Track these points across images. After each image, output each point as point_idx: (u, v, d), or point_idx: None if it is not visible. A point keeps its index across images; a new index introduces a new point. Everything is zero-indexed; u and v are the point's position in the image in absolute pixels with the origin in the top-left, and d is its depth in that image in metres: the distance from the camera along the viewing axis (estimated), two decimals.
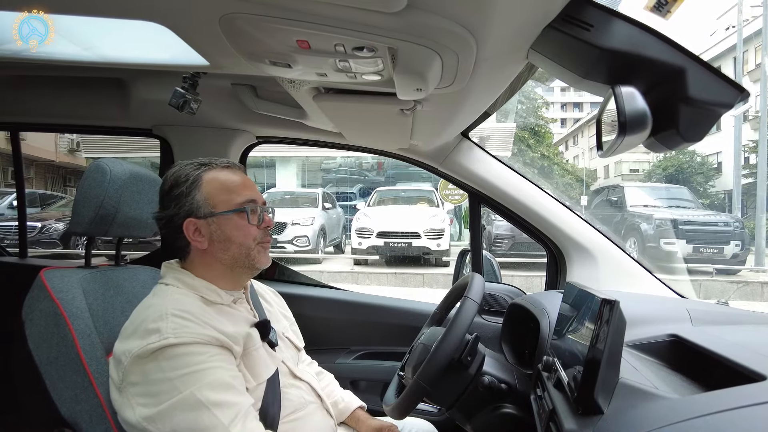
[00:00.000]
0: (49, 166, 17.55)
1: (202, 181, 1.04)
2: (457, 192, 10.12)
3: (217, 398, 0.86)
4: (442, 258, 9.38)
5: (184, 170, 1.06)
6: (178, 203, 1.04)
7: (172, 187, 1.05)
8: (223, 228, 1.04)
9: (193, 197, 1.03)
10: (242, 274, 1.09)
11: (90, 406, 0.97)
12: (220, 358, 0.92)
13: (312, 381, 1.19)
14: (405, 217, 9.55)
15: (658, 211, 9.51)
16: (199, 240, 1.04)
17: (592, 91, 0.84)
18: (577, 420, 0.76)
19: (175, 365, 0.87)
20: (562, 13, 0.79)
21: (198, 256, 1.06)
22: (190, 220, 1.03)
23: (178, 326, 0.90)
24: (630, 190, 10.82)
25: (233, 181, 1.07)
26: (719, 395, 0.67)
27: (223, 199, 1.05)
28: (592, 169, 31.68)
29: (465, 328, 1.06)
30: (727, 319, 1.20)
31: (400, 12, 0.74)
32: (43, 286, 1.02)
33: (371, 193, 11.61)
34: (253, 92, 1.52)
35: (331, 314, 1.91)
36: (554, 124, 43.01)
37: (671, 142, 0.76)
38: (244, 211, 1.05)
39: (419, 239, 9.12)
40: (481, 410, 1.14)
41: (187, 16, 0.87)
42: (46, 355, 0.99)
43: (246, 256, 1.05)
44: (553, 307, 1.15)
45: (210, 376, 0.87)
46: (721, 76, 0.74)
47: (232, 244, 1.04)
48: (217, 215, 1.03)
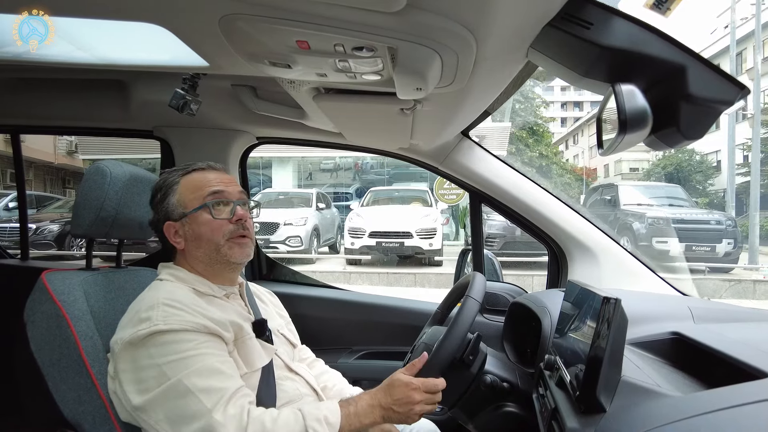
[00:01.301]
0: (48, 167, 17.57)
1: (178, 186, 1.10)
2: (452, 191, 10.21)
3: (204, 384, 0.88)
4: (434, 257, 9.37)
5: (165, 177, 1.12)
6: (158, 209, 1.10)
7: (154, 194, 1.12)
8: (193, 227, 1.08)
9: (169, 201, 1.09)
10: (222, 269, 1.10)
11: (93, 407, 0.97)
12: (209, 345, 0.94)
13: (308, 376, 1.20)
14: (397, 216, 9.57)
15: (651, 210, 9.51)
16: (177, 241, 1.09)
17: (592, 90, 0.84)
18: (580, 418, 0.76)
19: (163, 351, 0.89)
20: (561, 11, 0.78)
21: (181, 256, 1.11)
22: (168, 223, 1.09)
23: (168, 314, 0.93)
24: (624, 189, 10.82)
25: (204, 179, 1.11)
26: (721, 393, 0.67)
27: (192, 197, 1.08)
28: (591, 168, 31.70)
29: (467, 328, 1.06)
30: (729, 317, 1.20)
31: (399, 12, 0.74)
32: (44, 288, 1.02)
33: (365, 193, 11.64)
34: (253, 93, 1.52)
35: (333, 314, 1.91)
36: (554, 123, 43.13)
37: (672, 140, 0.76)
38: (206, 206, 1.07)
39: (411, 239, 9.12)
40: (484, 409, 1.14)
41: (187, 18, 0.87)
42: (48, 357, 0.99)
43: (216, 252, 1.07)
44: (555, 306, 1.15)
45: (198, 363, 0.90)
46: (721, 73, 0.74)
47: (201, 241, 1.07)
48: (188, 215, 1.07)
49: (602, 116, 0.82)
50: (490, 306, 1.76)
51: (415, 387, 1.00)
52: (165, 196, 1.09)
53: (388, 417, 0.99)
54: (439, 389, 1.02)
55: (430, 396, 1.01)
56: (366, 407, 0.99)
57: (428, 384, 1.01)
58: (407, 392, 0.99)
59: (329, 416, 0.94)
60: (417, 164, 1.89)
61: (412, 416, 1.00)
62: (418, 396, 0.99)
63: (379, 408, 0.99)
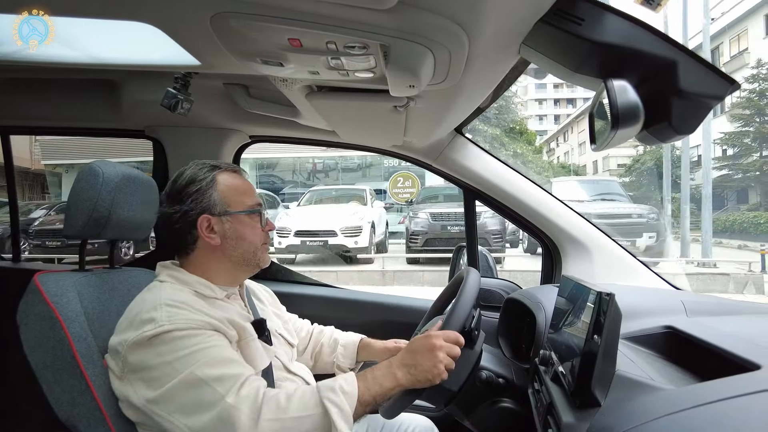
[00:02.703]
0: (25, 173, 16.89)
1: (217, 181, 1.09)
2: (407, 190, 10.39)
3: (217, 373, 0.88)
4: (358, 255, 9.39)
5: (195, 170, 1.10)
6: (195, 199, 1.07)
7: (189, 183, 1.08)
8: (236, 226, 1.09)
9: (210, 195, 1.08)
10: (245, 271, 1.13)
11: (87, 409, 0.96)
12: (216, 339, 0.94)
13: (306, 376, 1.20)
14: (325, 215, 9.63)
15: (577, 206, 9.60)
16: (211, 236, 1.07)
17: (584, 85, 0.85)
18: (575, 413, 0.77)
19: (171, 349, 0.89)
20: (553, 7, 0.79)
21: (206, 252, 1.08)
22: (204, 216, 1.06)
23: (172, 314, 0.92)
24: (557, 185, 11.02)
25: (244, 185, 1.14)
26: (714, 385, 0.68)
27: (237, 200, 1.10)
28: (581, 164, 32.00)
29: (474, 295, 1.04)
30: (722, 310, 1.21)
31: (391, 9, 0.74)
32: (37, 290, 1.01)
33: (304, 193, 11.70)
34: (246, 92, 1.52)
35: (328, 313, 1.91)
36: (545, 120, 43.46)
37: (664, 135, 0.76)
38: (257, 213, 1.12)
39: (336, 237, 9.13)
40: (480, 405, 1.15)
41: (178, 17, 0.86)
42: (42, 359, 0.98)
43: (253, 255, 1.11)
44: (549, 301, 1.16)
45: (207, 355, 0.90)
46: (711, 68, 0.74)
47: (243, 242, 1.09)
48: (232, 214, 1.09)
49: (594, 111, 0.82)
50: (484, 302, 1.76)
51: (436, 335, 0.96)
52: (204, 189, 1.07)
53: (413, 375, 0.94)
54: (460, 342, 0.98)
55: (451, 345, 0.96)
56: (385, 370, 0.96)
57: (448, 334, 0.98)
58: (428, 341, 0.95)
59: (344, 385, 0.91)
60: (411, 161, 1.89)
61: (438, 366, 0.94)
62: (439, 342, 0.95)
63: (401, 367, 0.95)
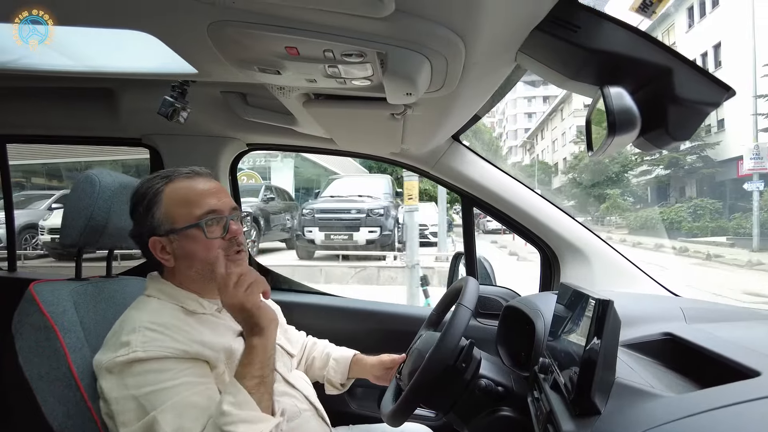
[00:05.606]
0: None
1: (162, 196, 1.01)
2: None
3: (176, 425, 0.83)
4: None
5: (146, 185, 1.03)
6: (141, 221, 1.01)
7: (135, 204, 1.03)
8: (183, 244, 0.99)
9: (153, 214, 1.00)
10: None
11: (82, 420, 0.95)
12: (189, 372, 0.90)
13: (305, 388, 1.18)
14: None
15: (317, 203, 10.47)
16: (165, 258, 1.01)
17: (581, 92, 0.85)
18: (575, 421, 0.76)
19: (139, 383, 0.86)
20: (549, 15, 0.79)
21: (169, 272, 1.04)
22: (154, 239, 1.00)
23: (148, 339, 0.88)
24: (334, 183, 11.60)
25: (194, 192, 1.02)
26: (714, 392, 0.68)
27: (182, 212, 0.99)
28: (553, 163, 35.09)
29: (458, 335, 1.05)
30: (721, 317, 1.20)
31: (388, 17, 0.74)
32: (32, 299, 1.00)
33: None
34: (243, 100, 1.52)
35: (327, 321, 1.90)
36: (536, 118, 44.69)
37: (660, 141, 0.77)
38: (199, 225, 0.98)
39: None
40: (479, 414, 1.14)
41: (175, 25, 0.86)
42: (37, 370, 0.97)
43: (211, 271, 0.97)
44: (548, 309, 1.15)
45: (173, 397, 0.85)
46: (707, 75, 0.75)
47: (194, 260, 1.00)
48: (178, 231, 0.99)
49: (591, 118, 0.83)
50: (483, 310, 1.76)
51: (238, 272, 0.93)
52: (149, 207, 1.00)
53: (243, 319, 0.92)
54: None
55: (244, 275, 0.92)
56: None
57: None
58: (231, 300, 0.91)
59: (229, 398, 0.85)
60: (409, 169, 1.89)
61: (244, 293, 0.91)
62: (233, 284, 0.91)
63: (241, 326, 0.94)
